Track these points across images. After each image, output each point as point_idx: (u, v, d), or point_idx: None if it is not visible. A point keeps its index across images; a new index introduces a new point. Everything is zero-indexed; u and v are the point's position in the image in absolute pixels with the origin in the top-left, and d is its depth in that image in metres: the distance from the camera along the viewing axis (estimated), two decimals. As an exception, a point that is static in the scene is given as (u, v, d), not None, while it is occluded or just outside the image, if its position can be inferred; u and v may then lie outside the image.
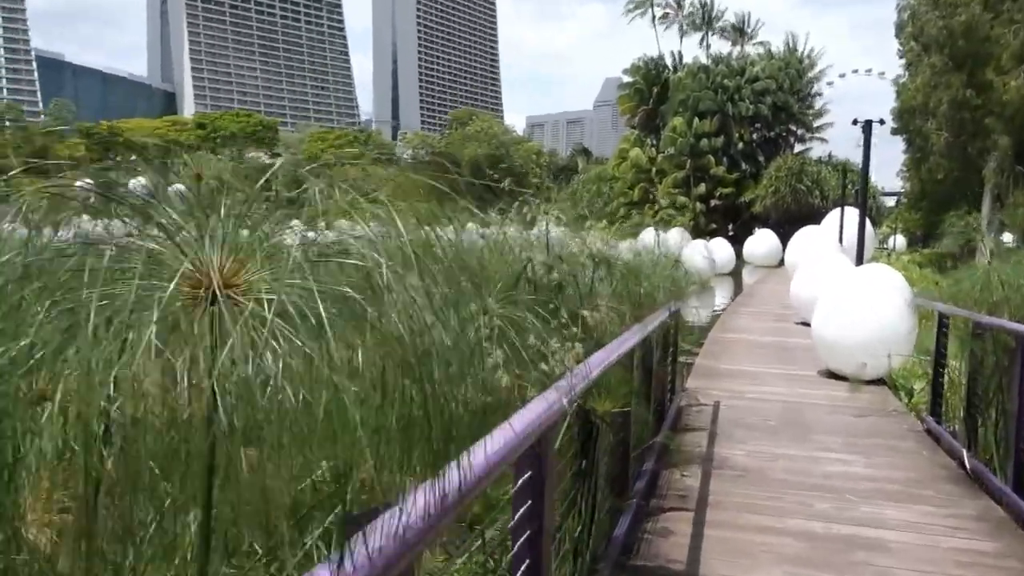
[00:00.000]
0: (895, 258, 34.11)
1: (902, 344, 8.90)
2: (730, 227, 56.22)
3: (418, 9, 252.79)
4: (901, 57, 35.67)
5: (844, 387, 8.87)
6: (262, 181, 1.25)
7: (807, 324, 13.92)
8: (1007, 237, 35.86)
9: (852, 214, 29.07)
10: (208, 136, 67.78)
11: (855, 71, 54.78)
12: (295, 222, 1.26)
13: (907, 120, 29.15)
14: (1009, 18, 21.92)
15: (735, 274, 32.90)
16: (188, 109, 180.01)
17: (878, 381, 9.14)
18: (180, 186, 1.28)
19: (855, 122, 15.10)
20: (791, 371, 9.97)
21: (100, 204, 1.22)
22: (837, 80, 69.43)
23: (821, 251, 18.31)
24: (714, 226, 54.77)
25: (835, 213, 29.38)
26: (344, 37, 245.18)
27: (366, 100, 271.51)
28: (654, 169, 60.30)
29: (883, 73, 52.36)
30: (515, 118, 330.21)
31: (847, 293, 9.44)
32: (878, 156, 14.74)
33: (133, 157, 1.43)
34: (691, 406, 7.70)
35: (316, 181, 1.24)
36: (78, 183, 1.25)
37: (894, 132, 34.61)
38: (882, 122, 17.05)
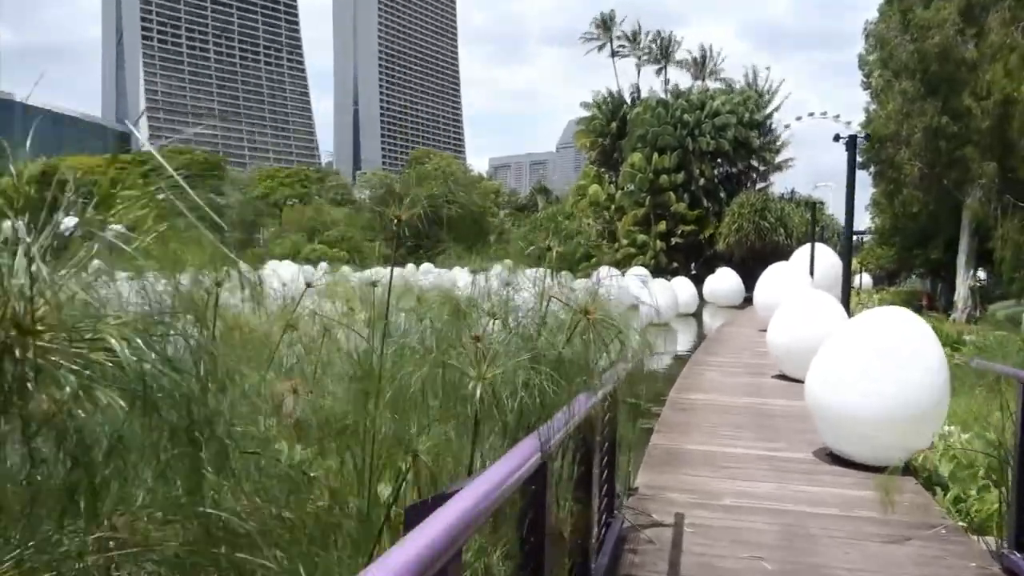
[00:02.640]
0: (866, 297, 32.17)
1: (939, 419, 6.34)
2: (692, 266, 54.27)
3: (380, 50, 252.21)
4: (866, 88, 34.18)
5: (858, 480, 6.24)
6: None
7: (787, 378, 11.39)
8: (981, 274, 34.28)
9: (822, 250, 27.34)
10: (146, 174, 64.28)
11: (811, 114, 53.77)
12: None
13: (878, 151, 27.27)
14: (1012, 16, 19.98)
15: (698, 315, 31.12)
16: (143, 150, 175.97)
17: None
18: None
19: (837, 138, 12.79)
20: (779, 452, 7.32)
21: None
22: (794, 123, 68.02)
23: (793, 289, 16.24)
24: (676, 265, 52.82)
25: (804, 249, 27.84)
26: (304, 77, 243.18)
27: (327, 140, 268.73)
28: (613, 206, 58.36)
29: (838, 116, 51.55)
30: (479, 160, 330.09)
31: (854, 346, 6.86)
32: (841, 194, 12.85)
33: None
34: (638, 529, 4.96)
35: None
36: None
37: (861, 165, 32.91)
38: (867, 136, 14.93)
